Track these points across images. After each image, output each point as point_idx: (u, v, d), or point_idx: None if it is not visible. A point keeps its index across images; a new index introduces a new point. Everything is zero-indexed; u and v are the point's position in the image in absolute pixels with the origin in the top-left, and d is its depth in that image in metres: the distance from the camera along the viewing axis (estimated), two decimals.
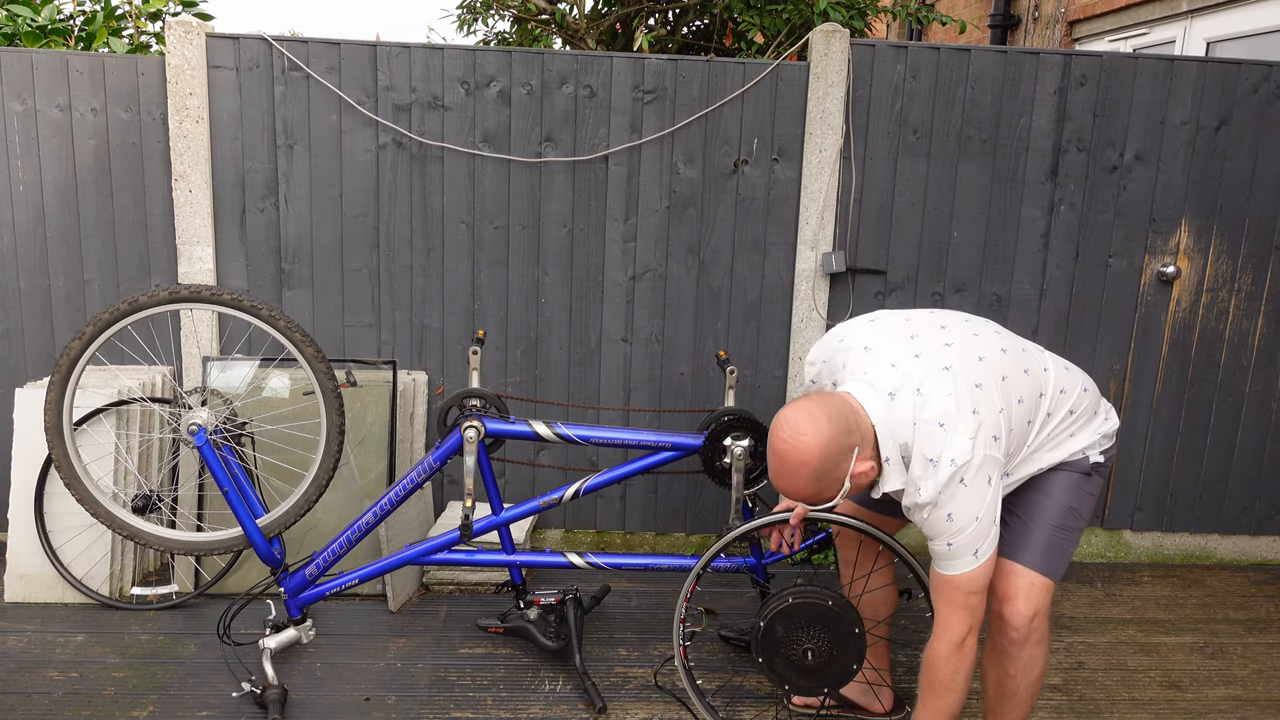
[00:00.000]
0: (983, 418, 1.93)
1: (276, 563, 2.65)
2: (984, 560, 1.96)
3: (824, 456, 1.90)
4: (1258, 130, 3.41)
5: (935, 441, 1.91)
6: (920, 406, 1.94)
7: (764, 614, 2.33)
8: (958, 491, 1.90)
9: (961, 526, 1.92)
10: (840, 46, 3.29)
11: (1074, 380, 2.16)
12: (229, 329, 3.42)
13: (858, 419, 1.95)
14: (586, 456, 3.55)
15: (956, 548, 1.94)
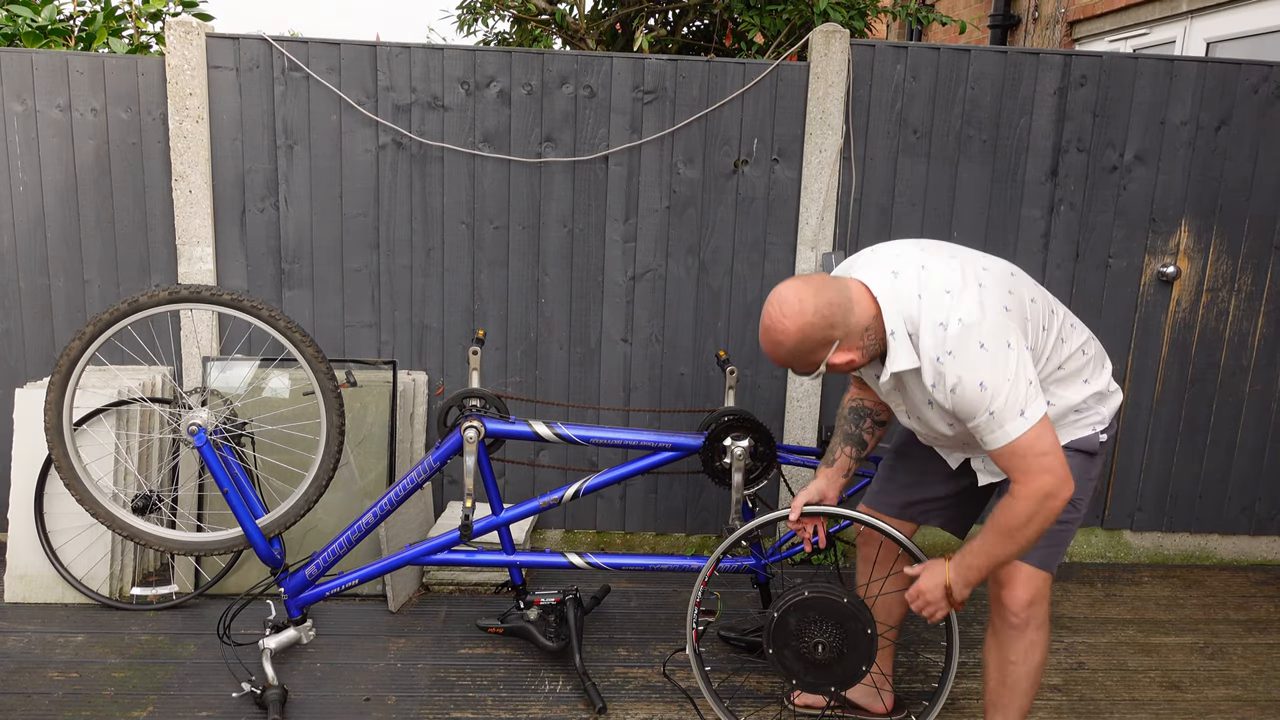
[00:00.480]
0: (988, 290, 1.94)
1: (276, 563, 2.65)
2: (1036, 419, 1.89)
3: (799, 340, 1.94)
4: (1258, 130, 3.41)
5: (942, 306, 1.91)
6: (925, 280, 1.95)
7: (779, 605, 2.32)
8: (979, 356, 1.87)
9: (995, 389, 1.87)
10: (840, 47, 3.29)
11: (1082, 328, 2.17)
12: (229, 329, 3.42)
13: (850, 310, 1.95)
14: (586, 457, 3.55)
15: (1000, 413, 1.88)
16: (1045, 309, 2.06)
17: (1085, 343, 2.14)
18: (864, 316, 1.97)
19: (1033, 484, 1.91)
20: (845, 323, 1.95)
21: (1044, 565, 2.14)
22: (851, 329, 1.96)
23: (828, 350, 1.97)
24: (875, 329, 1.98)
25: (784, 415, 3.54)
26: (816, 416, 3.53)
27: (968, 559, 2.04)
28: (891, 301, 1.96)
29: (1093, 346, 2.16)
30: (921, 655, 2.95)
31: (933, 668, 2.87)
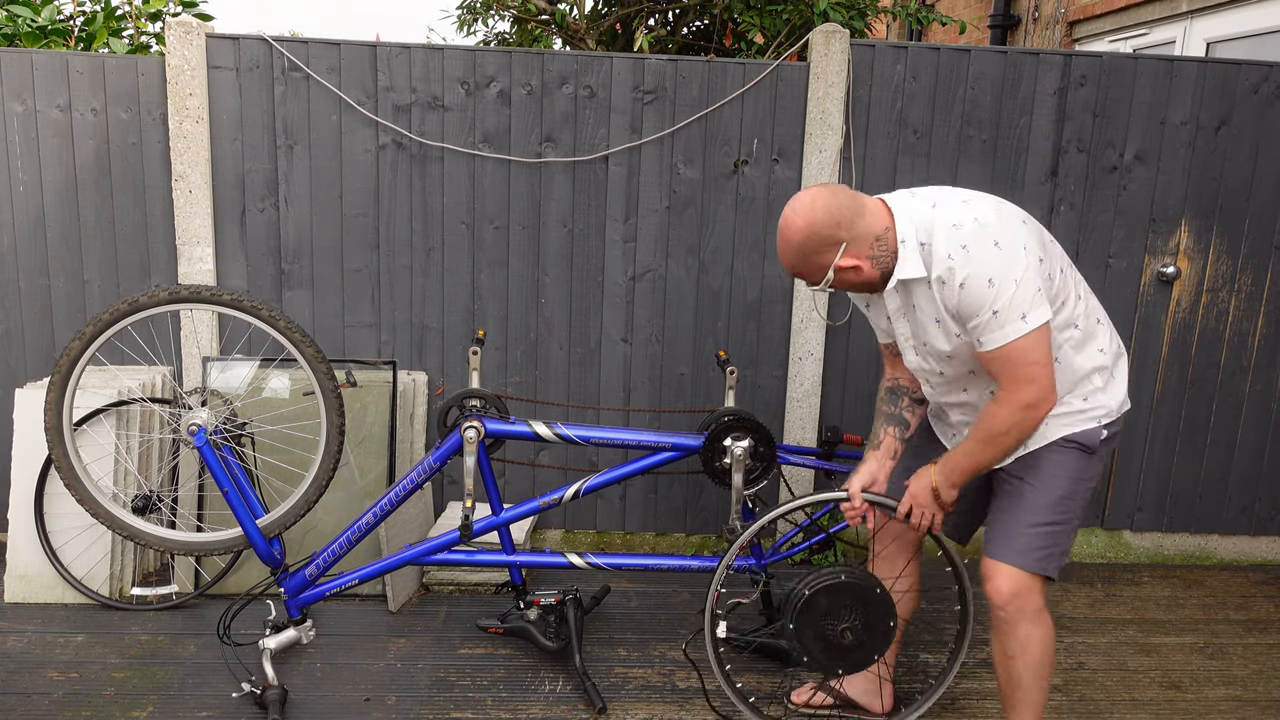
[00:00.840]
0: (1007, 205, 2.01)
1: (276, 563, 2.65)
2: (1035, 325, 1.92)
3: (807, 237, 2.01)
4: (1258, 130, 3.41)
5: (957, 211, 1.97)
6: (941, 195, 2.04)
7: (813, 583, 2.34)
8: (992, 253, 1.91)
9: (1002, 288, 1.90)
10: (840, 47, 3.29)
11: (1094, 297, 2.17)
12: (229, 329, 3.42)
13: (861, 215, 2.02)
14: (586, 457, 3.55)
15: (1002, 312, 1.91)
16: (1056, 256, 2.07)
17: (1095, 308, 2.14)
18: (876, 225, 2.03)
19: (1018, 393, 1.96)
20: (853, 225, 2.00)
21: (1027, 566, 2.12)
22: (859, 234, 2.01)
23: (834, 252, 2.02)
24: (888, 240, 2.03)
25: (784, 415, 3.55)
26: (816, 416, 3.53)
27: (951, 462, 2.13)
28: (905, 212, 2.03)
29: (1104, 316, 2.17)
30: (921, 656, 2.95)
31: (933, 668, 2.87)
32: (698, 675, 2.80)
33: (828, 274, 2.05)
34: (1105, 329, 2.16)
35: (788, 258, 2.08)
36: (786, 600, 2.37)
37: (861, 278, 2.07)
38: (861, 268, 2.05)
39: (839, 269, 2.04)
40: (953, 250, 1.94)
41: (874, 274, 2.07)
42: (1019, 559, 2.13)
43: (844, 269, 2.04)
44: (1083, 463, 2.15)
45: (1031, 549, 2.12)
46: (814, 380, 3.51)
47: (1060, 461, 2.15)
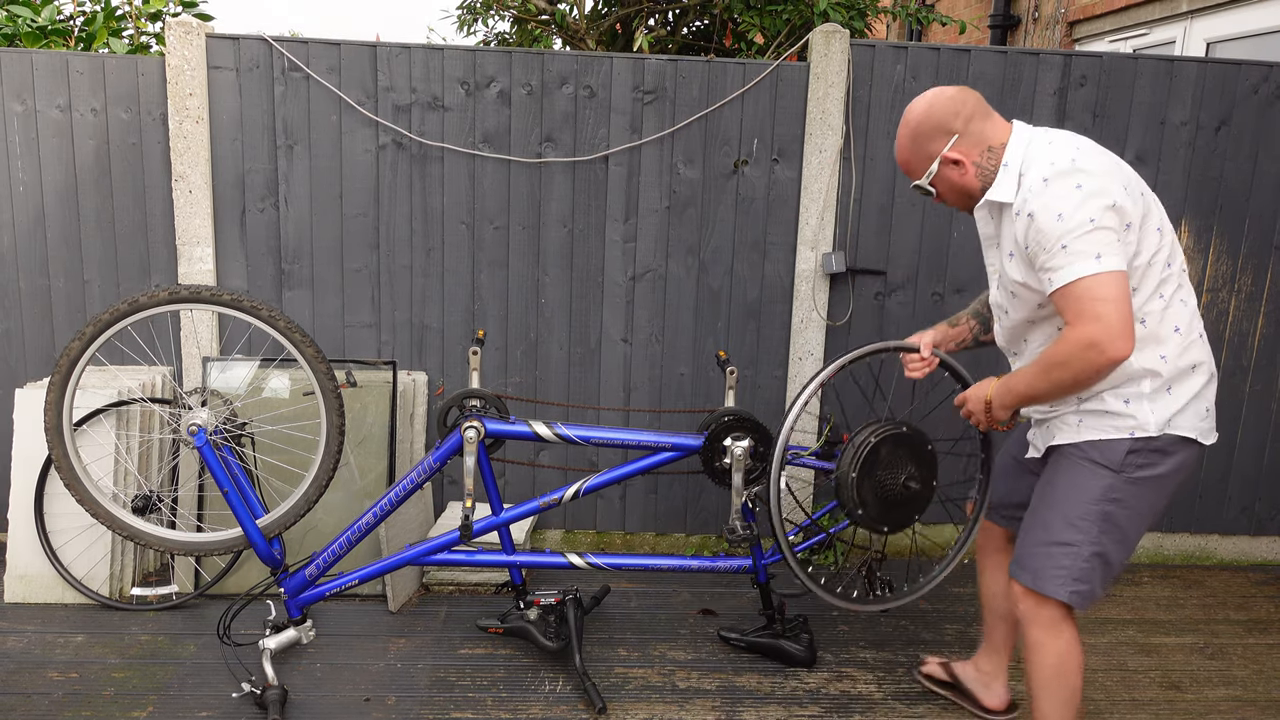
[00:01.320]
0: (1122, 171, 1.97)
1: (276, 563, 2.64)
2: (1108, 267, 1.86)
3: (922, 120, 2.07)
4: (1258, 131, 3.41)
5: (1063, 152, 1.96)
6: (1064, 138, 2.02)
7: (878, 431, 2.44)
8: (1071, 192, 1.90)
9: (1073, 227, 1.87)
10: (840, 47, 3.29)
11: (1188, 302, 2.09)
12: (229, 329, 3.42)
13: (984, 119, 2.06)
14: (586, 457, 3.55)
15: (1072, 248, 1.87)
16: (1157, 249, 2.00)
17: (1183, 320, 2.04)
18: (991, 135, 2.06)
19: (1081, 328, 1.88)
20: (970, 123, 2.05)
21: (1034, 586, 2.11)
22: (973, 133, 2.05)
23: (945, 142, 2.06)
24: (996, 156, 2.05)
25: (784, 415, 3.54)
26: (816, 416, 3.53)
27: (1009, 380, 2.11)
28: (1022, 139, 2.04)
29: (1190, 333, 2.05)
30: (921, 656, 2.95)
31: None
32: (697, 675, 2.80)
33: (932, 165, 2.10)
34: (1180, 342, 2.02)
35: (901, 143, 2.14)
36: (848, 449, 2.45)
37: (962, 180, 2.09)
38: (965, 166, 2.07)
39: (944, 159, 2.08)
40: (1035, 183, 1.95)
41: (974, 182, 2.09)
42: (1023, 575, 2.13)
43: (948, 160, 2.08)
44: (1104, 482, 2.04)
45: (1043, 569, 2.09)
46: (920, 187, 3.47)
47: (1074, 476, 2.08)
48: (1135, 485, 2.03)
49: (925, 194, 2.20)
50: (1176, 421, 2.01)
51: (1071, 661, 2.13)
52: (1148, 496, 2.05)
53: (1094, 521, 2.04)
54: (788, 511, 3.52)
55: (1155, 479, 2.03)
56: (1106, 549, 2.06)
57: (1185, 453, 2.04)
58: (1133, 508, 2.05)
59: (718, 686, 2.75)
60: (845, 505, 2.47)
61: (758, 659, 2.90)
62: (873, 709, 2.65)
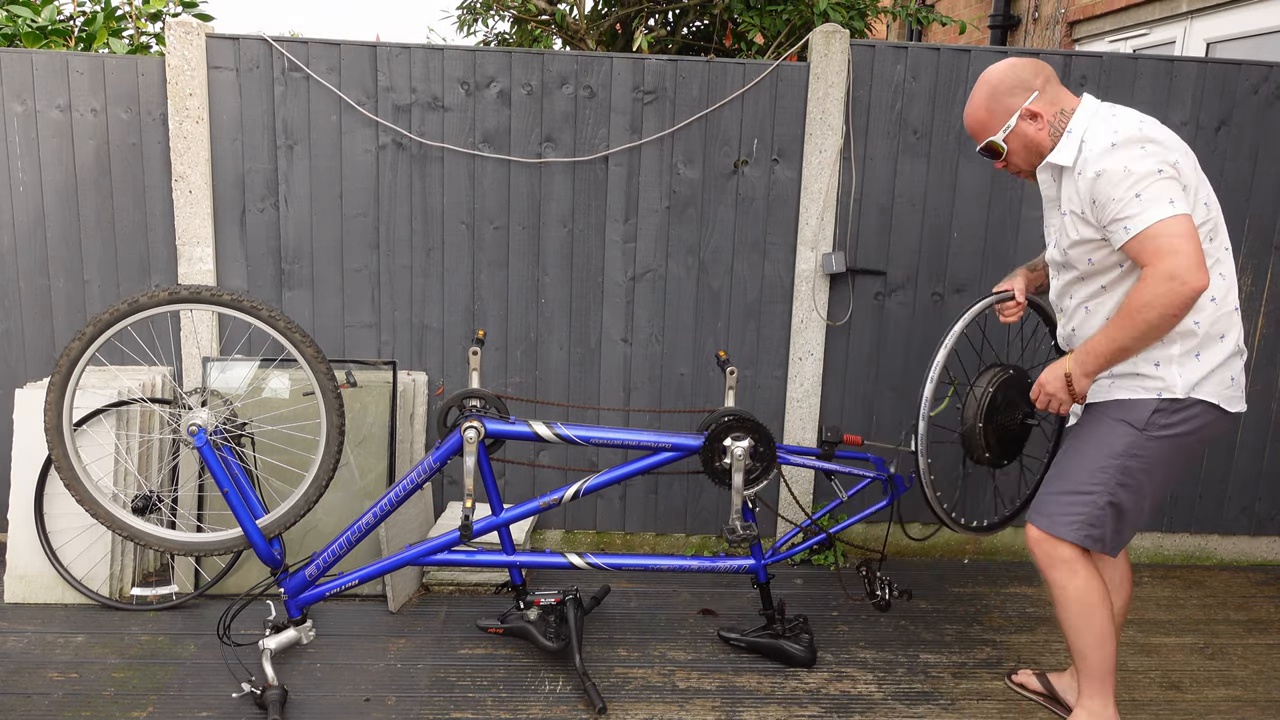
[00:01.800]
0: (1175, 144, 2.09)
1: (276, 563, 2.65)
2: (1180, 210, 1.99)
3: (1004, 76, 2.24)
4: (1258, 131, 3.41)
5: (1126, 124, 2.10)
6: (1128, 114, 2.16)
7: (993, 379, 2.56)
8: (1137, 152, 2.04)
9: (1143, 175, 2.01)
10: (840, 47, 3.29)
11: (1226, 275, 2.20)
12: (229, 329, 3.42)
13: (1057, 86, 2.24)
14: (586, 457, 3.55)
15: (1145, 197, 2.00)
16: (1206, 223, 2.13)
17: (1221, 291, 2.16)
18: (1063, 100, 2.23)
19: (1160, 264, 1.99)
20: (1047, 84, 2.23)
21: (1044, 526, 2.30)
22: (1048, 95, 2.22)
23: (1025, 97, 2.22)
24: (1065, 118, 2.21)
25: (784, 415, 3.55)
26: (816, 416, 3.54)
27: (1088, 345, 2.19)
28: (1089, 110, 2.19)
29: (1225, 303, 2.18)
30: (921, 656, 2.95)
31: (933, 668, 2.87)
32: (697, 675, 2.80)
33: (1011, 119, 2.23)
34: (1213, 311, 2.16)
35: (976, 102, 2.27)
36: (968, 402, 2.58)
37: (1038, 134, 2.23)
38: (1043, 120, 2.22)
39: (1024, 113, 2.22)
40: (1101, 147, 2.09)
41: (1047, 139, 2.23)
42: (1039, 520, 2.32)
43: (1027, 114, 2.22)
44: (1127, 439, 2.20)
45: (1054, 512, 2.28)
46: (814, 380, 3.51)
47: (1099, 432, 2.25)
48: (1156, 442, 2.19)
49: (993, 154, 2.31)
50: (1202, 386, 2.16)
51: (1094, 596, 2.28)
52: (1166, 455, 2.21)
53: (1112, 474, 2.21)
54: (787, 511, 3.52)
55: (1175, 438, 2.19)
56: (1121, 499, 2.23)
57: (1208, 417, 2.18)
58: (1151, 463, 2.21)
59: (718, 686, 2.75)
60: (973, 453, 2.61)
61: (758, 659, 2.90)
62: (873, 709, 2.65)
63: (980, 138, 2.30)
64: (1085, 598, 2.28)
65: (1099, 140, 2.11)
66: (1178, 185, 2.02)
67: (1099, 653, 2.33)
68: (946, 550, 3.72)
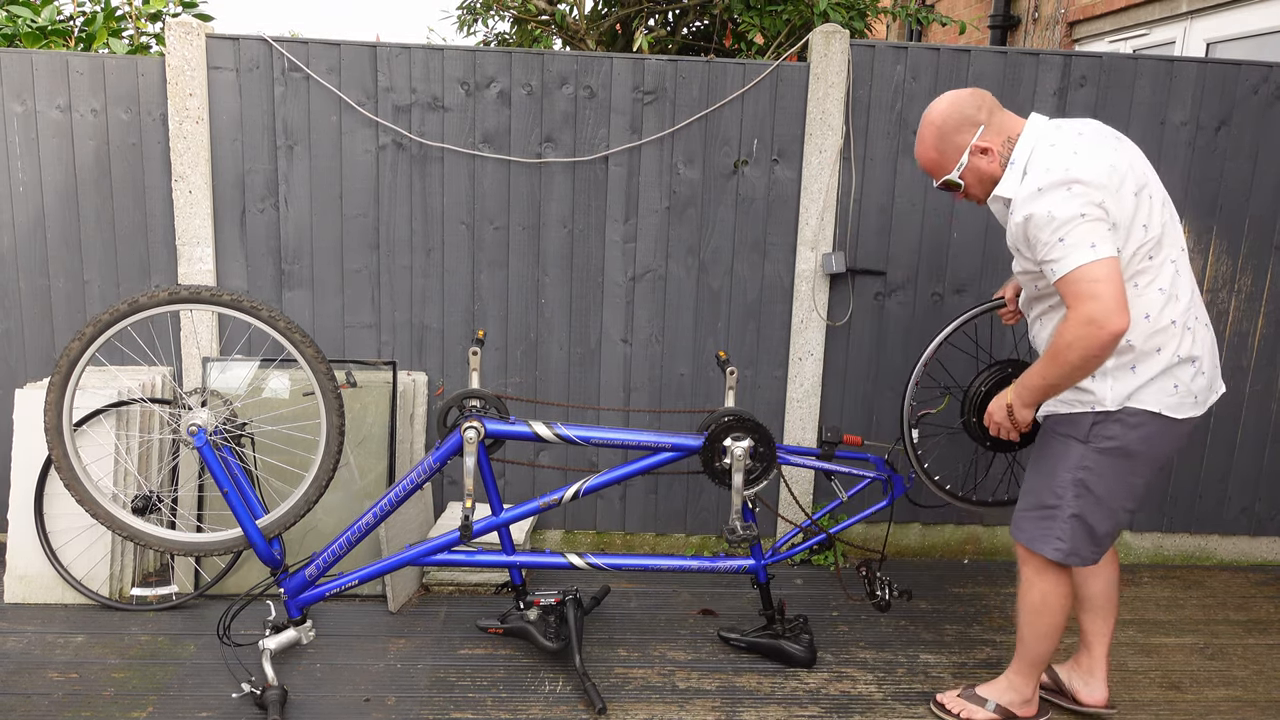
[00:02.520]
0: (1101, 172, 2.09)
1: (276, 563, 2.64)
2: (1103, 255, 2.05)
3: (948, 116, 2.25)
4: (1258, 131, 3.41)
5: (1060, 157, 2.12)
6: (1066, 136, 2.17)
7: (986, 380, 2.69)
8: (1061, 194, 2.08)
9: (1066, 220, 2.06)
10: (840, 47, 3.29)
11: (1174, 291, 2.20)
12: (229, 330, 3.41)
13: (1002, 114, 2.26)
14: (586, 457, 3.55)
15: (1068, 242, 2.06)
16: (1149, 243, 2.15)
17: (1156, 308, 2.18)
18: (1009, 126, 2.25)
19: (1079, 308, 2.07)
20: (992, 114, 2.24)
21: (1020, 540, 2.41)
22: (995, 124, 2.24)
23: (972, 133, 2.24)
24: (1012, 144, 2.24)
25: (784, 415, 3.54)
26: (816, 416, 3.54)
27: (1024, 379, 2.30)
28: (1031, 136, 2.21)
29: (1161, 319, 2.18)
30: (921, 656, 2.95)
31: (933, 668, 2.87)
32: (697, 675, 2.80)
33: (963, 156, 2.26)
34: (1147, 328, 2.18)
35: (925, 141, 2.30)
36: (966, 398, 2.72)
37: (989, 167, 2.26)
38: (993, 153, 2.24)
39: (974, 149, 2.24)
40: (1031, 189, 2.13)
41: (998, 170, 2.26)
42: (1019, 535, 2.43)
43: (978, 150, 2.24)
44: (1077, 452, 2.28)
45: (1033, 531, 2.38)
46: (814, 380, 3.51)
47: (1053, 448, 2.34)
48: (1103, 455, 2.26)
49: (952, 189, 2.35)
50: (1140, 396, 2.21)
51: (1054, 600, 2.40)
52: (1118, 465, 2.26)
53: (1069, 487, 2.30)
54: (787, 511, 3.52)
55: (1121, 450, 2.25)
56: (1082, 512, 2.30)
57: (1153, 426, 2.23)
58: (1101, 474, 2.27)
59: (718, 687, 2.75)
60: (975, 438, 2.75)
61: (758, 659, 2.90)
62: (873, 709, 2.65)
63: (936, 176, 2.34)
64: (1045, 598, 2.41)
65: (1033, 178, 2.15)
66: (1103, 226, 2.06)
67: (1039, 645, 2.46)
68: (946, 550, 3.72)
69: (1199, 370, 2.24)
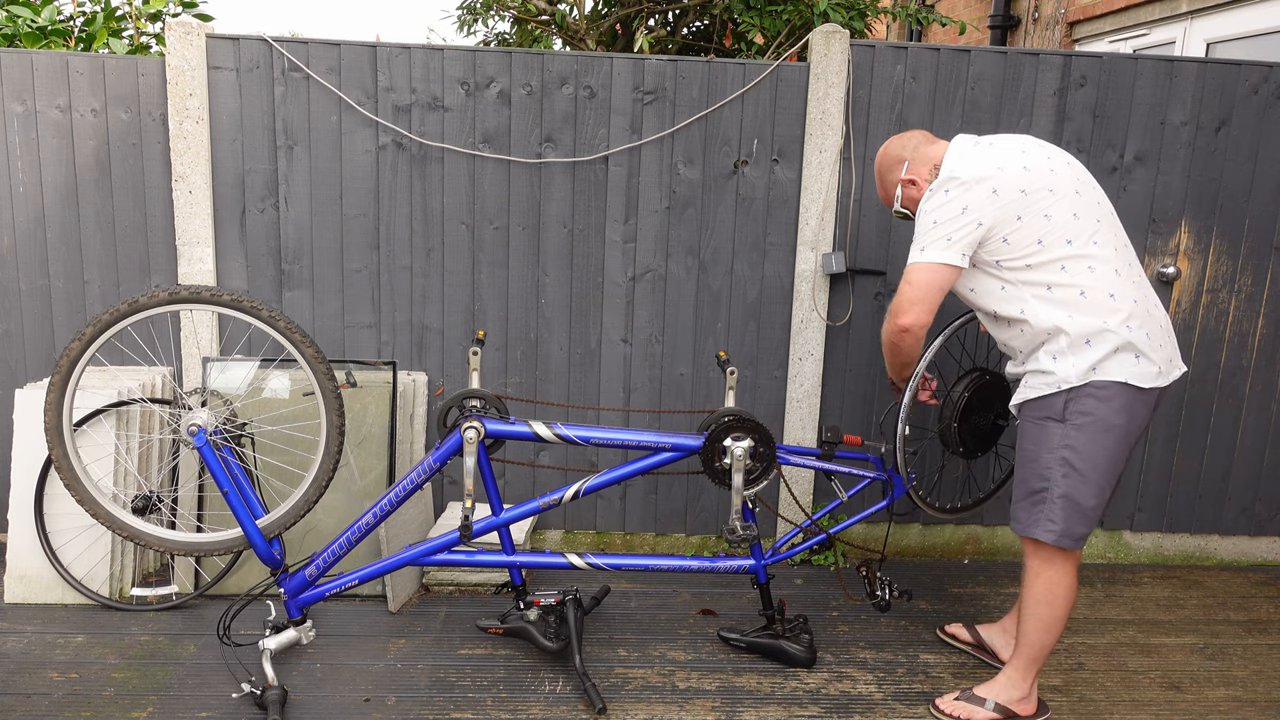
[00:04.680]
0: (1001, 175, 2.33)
1: (276, 563, 2.65)
2: (924, 257, 2.37)
3: (881, 160, 2.65)
4: (1258, 131, 3.41)
5: (960, 165, 2.37)
6: (977, 150, 2.41)
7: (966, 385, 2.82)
8: (939, 198, 2.37)
9: (922, 224, 2.39)
10: (840, 47, 3.29)
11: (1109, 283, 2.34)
12: (229, 330, 3.42)
13: (927, 149, 2.54)
14: (586, 457, 3.55)
15: (915, 242, 2.41)
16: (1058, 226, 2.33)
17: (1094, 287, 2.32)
18: (935, 157, 2.52)
19: (892, 302, 2.45)
20: (916, 151, 2.56)
21: (1019, 531, 2.49)
22: (919, 158, 2.54)
23: (899, 169, 2.58)
24: (936, 172, 2.48)
25: (784, 415, 3.55)
26: (816, 416, 3.53)
27: None
28: (953, 153, 2.45)
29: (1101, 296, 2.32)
30: (921, 656, 2.95)
31: (933, 668, 2.87)
32: (697, 675, 2.80)
33: (897, 189, 2.58)
34: (1086, 305, 2.33)
35: (877, 183, 2.70)
36: (947, 402, 2.83)
37: (918, 195, 2.53)
38: (918, 183, 2.52)
39: (903, 181, 2.56)
40: (926, 194, 2.42)
41: (918, 191, 2.53)
42: (1020, 528, 2.49)
43: (904, 182, 2.56)
44: (1057, 432, 2.38)
45: (1026, 518, 2.46)
46: (814, 380, 3.51)
47: (1034, 433, 2.43)
48: (1081, 431, 2.35)
49: (906, 218, 2.64)
50: (1104, 368, 2.33)
51: (1059, 590, 2.46)
52: (1098, 439, 2.35)
53: (1055, 467, 2.39)
54: (787, 511, 3.52)
55: (1099, 422, 2.34)
56: (1070, 491, 2.38)
57: (1124, 396, 2.34)
58: (1086, 452, 2.36)
59: (718, 687, 2.75)
60: (949, 445, 2.89)
61: (758, 659, 2.90)
62: (873, 709, 2.65)
63: (891, 207, 2.66)
64: (1050, 590, 2.47)
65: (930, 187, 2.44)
66: (942, 234, 2.33)
67: (1041, 638, 2.50)
68: (946, 550, 3.72)
69: (1156, 343, 2.37)
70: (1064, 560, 2.45)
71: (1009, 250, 2.35)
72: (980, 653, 2.92)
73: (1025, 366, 2.48)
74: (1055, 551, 2.44)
